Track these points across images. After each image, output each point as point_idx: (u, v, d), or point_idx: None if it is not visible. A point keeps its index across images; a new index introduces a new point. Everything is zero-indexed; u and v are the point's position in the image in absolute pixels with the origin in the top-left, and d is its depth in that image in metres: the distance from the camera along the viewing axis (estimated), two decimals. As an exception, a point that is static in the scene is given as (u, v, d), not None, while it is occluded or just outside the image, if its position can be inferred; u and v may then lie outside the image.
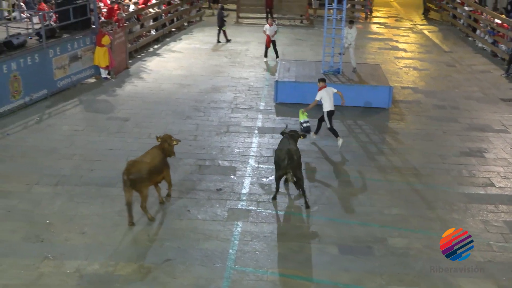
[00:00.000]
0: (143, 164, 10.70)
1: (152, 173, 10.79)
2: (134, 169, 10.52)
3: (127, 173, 10.45)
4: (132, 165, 10.60)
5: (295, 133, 12.44)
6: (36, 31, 17.99)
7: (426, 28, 31.48)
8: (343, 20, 18.58)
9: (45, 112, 16.45)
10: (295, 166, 11.31)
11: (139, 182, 10.51)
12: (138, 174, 10.49)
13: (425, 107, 18.03)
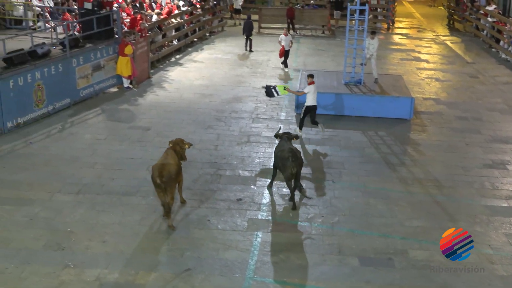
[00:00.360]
0: (171, 165, 10.94)
1: (178, 173, 11.12)
2: (165, 171, 10.71)
3: (160, 177, 10.59)
4: (162, 168, 10.75)
5: (289, 135, 12.80)
6: (60, 41, 18.20)
7: (449, 39, 31.29)
8: (365, 30, 18.53)
9: (68, 121, 16.61)
10: (300, 164, 11.81)
11: (170, 183, 10.73)
12: (169, 175, 10.73)
13: (448, 118, 17.88)
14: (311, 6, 33.72)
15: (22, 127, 15.73)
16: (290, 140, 12.57)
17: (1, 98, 15.04)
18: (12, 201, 11.69)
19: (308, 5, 34.07)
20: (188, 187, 12.55)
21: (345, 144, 15.32)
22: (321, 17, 32.02)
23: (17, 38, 18.23)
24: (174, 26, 25.55)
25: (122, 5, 23.96)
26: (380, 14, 34.84)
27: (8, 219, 11.03)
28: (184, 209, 11.62)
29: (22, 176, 12.89)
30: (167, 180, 10.66)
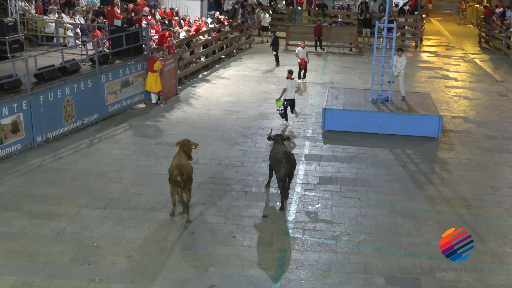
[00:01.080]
0: (188, 165, 11.81)
1: (193, 172, 11.89)
2: (185, 170, 11.52)
3: (181, 175, 11.41)
4: (182, 167, 11.55)
5: (281, 137, 13.22)
6: (90, 57, 18.47)
7: (478, 57, 31.03)
8: (392, 48, 18.48)
9: (96, 136, 16.80)
10: (293, 165, 12.44)
11: (189, 181, 11.62)
12: (188, 174, 11.59)
13: (476, 137, 17.68)
14: (339, 24, 33.77)
15: (51, 142, 15.96)
16: (283, 142, 13.09)
17: (32, 113, 15.30)
18: (40, 215, 11.83)
19: (335, 22, 34.12)
20: (213, 203, 12.59)
21: (372, 162, 15.23)
22: (349, 35, 32.01)
23: (48, 55, 18.55)
24: (202, 43, 25.76)
25: (151, 22, 24.26)
26: (408, 31, 34.72)
27: (37, 233, 11.15)
28: (209, 225, 11.63)
29: (51, 190, 13.05)
30: (187, 178, 11.52)
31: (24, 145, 15.23)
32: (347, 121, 17.34)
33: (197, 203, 12.60)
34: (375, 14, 34.32)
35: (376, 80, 18.89)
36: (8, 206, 12.23)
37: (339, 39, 32.10)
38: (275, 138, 13.21)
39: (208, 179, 13.91)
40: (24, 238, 10.96)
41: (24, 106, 15.09)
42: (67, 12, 23.21)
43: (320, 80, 24.32)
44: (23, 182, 13.45)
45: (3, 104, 14.59)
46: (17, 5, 20.78)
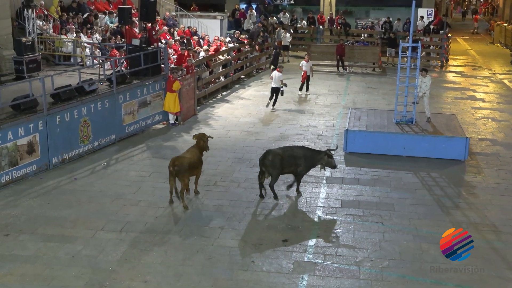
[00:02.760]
0: (185, 158, 13.49)
1: (191, 166, 13.52)
2: (178, 162, 13.27)
3: (172, 165, 13.21)
4: (176, 159, 13.40)
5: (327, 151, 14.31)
6: (107, 77, 18.67)
7: (507, 78, 30.82)
8: (417, 68, 18.45)
9: (113, 157, 16.92)
10: (265, 164, 13.82)
11: (181, 172, 13.24)
12: (181, 166, 13.24)
13: (505, 160, 17.51)
14: (361, 43, 33.80)
15: (67, 163, 16.11)
16: (314, 151, 14.40)
17: (48, 134, 15.47)
18: (55, 238, 11.91)
19: (358, 41, 34.16)
20: (232, 227, 12.58)
21: (396, 185, 15.13)
22: (372, 54, 32.02)
23: (65, 74, 18.78)
24: (221, 63, 25.93)
25: (169, 42, 24.52)
26: (433, 51, 34.65)
27: (51, 256, 11.22)
28: (227, 249, 11.61)
29: (66, 212, 13.14)
30: (178, 169, 13.17)
31: (39, 166, 15.38)
32: (370, 143, 17.27)
33: (215, 226, 12.60)
34: (399, 33, 34.29)
35: (400, 101, 18.82)
36: (22, 228, 12.33)
37: (362, 58, 32.12)
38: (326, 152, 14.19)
39: (227, 202, 13.92)
40: (38, 261, 11.03)
41: (40, 127, 15.27)
42: (85, 31, 23.56)
43: (342, 101, 24.31)
44: (38, 204, 13.57)
45: (19, 124, 14.79)
46: (35, 24, 21.13)
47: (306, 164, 14.15)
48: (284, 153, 14.00)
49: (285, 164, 13.98)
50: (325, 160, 14.20)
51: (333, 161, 14.27)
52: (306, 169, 14.34)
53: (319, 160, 14.23)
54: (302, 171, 14.25)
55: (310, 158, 14.16)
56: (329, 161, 14.21)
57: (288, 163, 13.99)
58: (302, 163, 14.06)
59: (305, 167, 14.21)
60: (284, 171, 14.13)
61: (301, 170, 14.21)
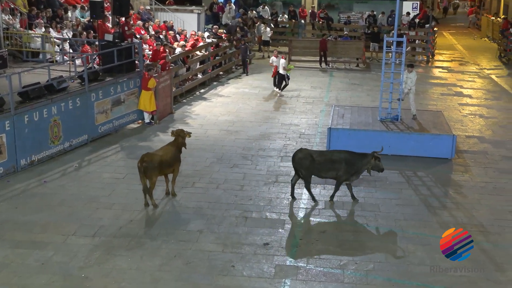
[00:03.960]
0: (155, 155, 13.54)
1: (162, 165, 13.52)
2: (147, 158, 13.33)
3: (141, 161, 13.29)
4: (146, 155, 13.47)
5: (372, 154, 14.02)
6: (79, 74, 18.54)
7: (495, 73, 31.12)
8: (402, 63, 18.55)
9: (85, 158, 16.81)
10: (296, 162, 13.99)
11: (150, 170, 13.24)
12: (150, 163, 13.25)
13: (493, 158, 17.67)
14: (345, 38, 33.92)
15: (36, 165, 15.96)
16: (366, 157, 13.94)
17: (15, 134, 15.32)
18: (24, 244, 11.79)
19: (341, 36, 34.28)
20: (211, 230, 12.56)
21: (381, 185, 15.20)
22: (356, 49, 32.13)
23: (33, 71, 18.63)
24: (199, 59, 25.87)
25: (144, 37, 24.40)
26: (418, 46, 34.88)
27: (20, 263, 11.11)
28: (206, 253, 11.59)
29: (36, 217, 13.02)
30: (147, 166, 13.21)
31: (6, 168, 15.22)
32: (354, 142, 17.30)
33: (193, 229, 12.58)
34: (384, 28, 34.51)
35: (384, 98, 18.92)
36: (-11, 234, 12.21)
37: (346, 54, 32.22)
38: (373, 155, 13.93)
39: (206, 204, 13.90)
40: (6, 269, 10.91)
41: (7, 127, 15.11)
42: (55, 26, 23.35)
43: (325, 98, 24.39)
44: (5, 209, 13.43)
45: (-15, 124, 14.64)
46: (0, 18, 20.90)
47: (347, 169, 13.82)
48: (320, 156, 13.90)
49: (321, 168, 13.84)
50: (372, 164, 13.88)
51: (381, 164, 13.93)
52: (349, 175, 13.96)
53: (365, 164, 13.90)
54: (342, 176, 13.93)
55: (352, 163, 13.85)
56: (377, 164, 13.87)
57: (324, 167, 13.84)
58: (341, 168, 13.81)
59: (345, 173, 13.86)
60: (320, 174, 14.02)
61: (340, 176, 13.92)
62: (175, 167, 14.14)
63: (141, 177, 13.42)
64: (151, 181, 13.41)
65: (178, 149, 14.26)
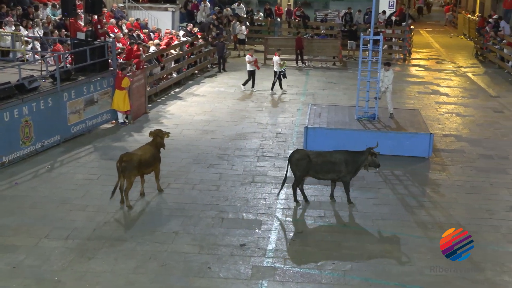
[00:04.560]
0: (134, 155, 13.60)
1: (141, 164, 13.59)
2: (126, 158, 13.36)
3: (120, 161, 13.29)
4: (125, 155, 13.52)
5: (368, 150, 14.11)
6: (50, 73, 18.38)
7: (471, 71, 31.45)
8: (379, 62, 18.67)
9: (57, 159, 16.68)
10: (292, 162, 13.97)
11: (128, 170, 13.30)
12: (129, 162, 13.31)
13: (470, 156, 17.86)
14: (322, 36, 34.05)
15: (7, 166, 15.80)
16: (364, 154, 14.02)
17: (-14, 135, 15.17)
18: (-5, 247, 11.69)
19: (318, 35, 34.41)
20: (187, 232, 12.54)
21: (358, 184, 15.28)
22: (332, 48, 32.28)
23: (3, 71, 18.41)
24: (174, 58, 25.81)
25: (117, 35, 24.27)
26: (395, 44, 35.12)
27: (-9, 267, 11.02)
28: (182, 255, 11.57)
29: (7, 220, 12.89)
30: (126, 165, 13.25)
31: (-23, 170, 15.08)
32: (331, 141, 17.35)
33: (169, 231, 12.55)
34: (360, 26, 34.70)
35: (361, 96, 19.04)
36: (-41, 237, 12.07)
37: (322, 52, 32.35)
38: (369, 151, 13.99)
39: (181, 205, 13.87)
40: (-23, 273, 10.81)
41: (-23, 128, 14.96)
42: (25, 24, 23.12)
43: (301, 97, 24.46)
44: (-24, 211, 13.30)
45: (-46, 125, 14.47)
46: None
47: (349, 169, 13.93)
48: (317, 158, 13.87)
49: (318, 169, 13.86)
50: (369, 160, 14.00)
51: (378, 160, 14.06)
52: (350, 174, 14.07)
53: (363, 161, 14.01)
54: (345, 177, 14.02)
55: (352, 162, 13.95)
56: (374, 160, 13.99)
57: (323, 169, 13.86)
58: (343, 169, 13.89)
59: (347, 173, 13.97)
60: (317, 176, 14.02)
61: (344, 176, 14.00)
62: (156, 166, 14.25)
63: (119, 177, 13.43)
64: (129, 181, 13.44)
65: (157, 149, 14.33)
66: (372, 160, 14.01)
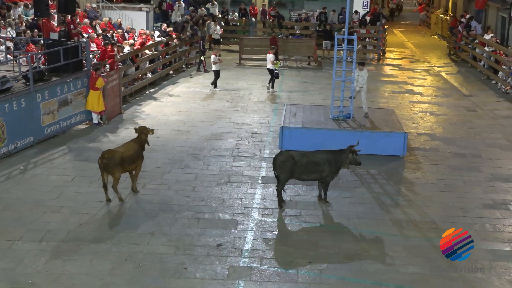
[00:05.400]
0: (116, 152, 13.66)
1: (124, 161, 13.63)
2: (108, 154, 13.47)
3: (101, 158, 13.41)
4: (107, 151, 13.62)
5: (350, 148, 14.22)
6: (23, 74, 18.18)
7: (444, 70, 31.73)
8: (353, 61, 18.74)
9: (31, 161, 16.51)
10: (276, 165, 13.79)
11: (111, 166, 13.39)
12: (111, 159, 13.38)
13: (444, 155, 18.01)
14: (296, 36, 34.10)
15: (-20, 168, 15.63)
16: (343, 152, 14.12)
17: (-42, 137, 14.97)
18: (-32, 250, 11.54)
19: (292, 34, 34.46)
20: (163, 232, 12.48)
21: (334, 183, 15.29)
22: (307, 47, 32.33)
23: (-25, 71, 18.21)
24: (148, 58, 25.69)
25: (91, 36, 24.09)
26: (369, 43, 35.31)
27: (-37, 270, 10.87)
28: (158, 256, 11.52)
29: (-20, 222, 12.75)
30: (107, 162, 13.34)
31: (-51, 172, 14.87)
32: (306, 140, 17.42)
33: (145, 232, 12.48)
34: (335, 25, 34.84)
35: (336, 96, 19.11)
36: None
37: (297, 52, 32.40)
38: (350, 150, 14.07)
39: (157, 205, 13.81)
40: (-51, 276, 10.66)
41: (-51, 129, 14.77)
42: (-2, 24, 22.85)
43: (277, 97, 24.49)
44: None
45: None
46: None
47: (331, 168, 13.94)
48: (302, 159, 13.77)
49: (302, 171, 13.79)
50: (350, 158, 14.05)
51: (358, 158, 14.13)
52: (333, 174, 14.10)
53: (344, 160, 14.05)
54: (328, 177, 14.05)
55: (334, 161, 13.97)
56: (355, 158, 14.05)
57: (307, 169, 13.81)
58: (326, 168, 13.88)
59: (330, 172, 13.98)
60: (302, 177, 13.94)
61: (326, 176, 14.01)
62: (138, 164, 14.27)
63: (102, 173, 13.52)
64: (114, 177, 13.56)
65: (140, 146, 14.38)
66: (353, 158, 14.07)
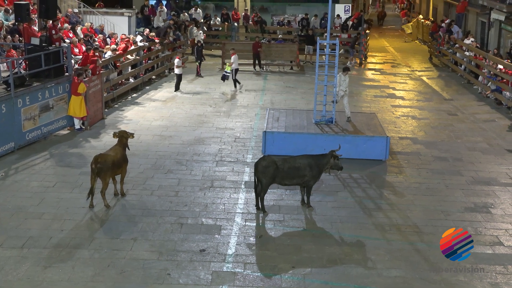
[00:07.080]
0: (109, 156, 13.78)
1: (114, 165, 13.77)
2: (101, 159, 13.52)
3: (95, 162, 13.42)
4: (99, 156, 13.64)
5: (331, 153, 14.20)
6: (4, 79, 18.04)
7: (425, 75, 31.91)
8: (336, 66, 18.78)
9: (12, 167, 16.38)
10: (259, 170, 13.67)
11: (104, 170, 13.46)
12: (104, 163, 13.48)
13: (426, 159, 18.09)
14: (279, 41, 34.14)
15: (-40, 175, 15.48)
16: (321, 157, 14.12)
17: None
18: None
19: (275, 39, 34.50)
20: (145, 238, 12.42)
21: (317, 187, 15.33)
22: (290, 52, 32.35)
23: (-44, 77, 18.04)
24: (131, 63, 25.59)
25: (73, 40, 23.96)
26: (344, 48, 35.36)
27: None
28: (141, 262, 11.46)
29: (-40, 229, 12.61)
30: (101, 167, 13.39)
31: None
32: (289, 145, 17.44)
33: (127, 238, 12.41)
34: (317, 30, 34.93)
35: (319, 100, 19.13)
36: None
37: (279, 57, 32.42)
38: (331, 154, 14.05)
39: (139, 211, 13.74)
40: None
41: None
42: (-23, 29, 22.67)
43: (259, 101, 24.48)
44: None
45: None
46: None
47: (313, 173, 13.93)
48: (284, 164, 13.76)
49: (284, 176, 13.77)
50: (331, 163, 14.03)
51: (340, 162, 14.09)
52: (315, 178, 14.09)
53: (325, 164, 14.04)
54: (310, 181, 14.04)
55: (316, 165, 13.96)
56: (336, 163, 14.03)
57: (289, 174, 13.79)
58: (307, 173, 13.87)
59: (312, 177, 13.97)
60: (284, 182, 13.91)
61: (308, 181, 14.00)
62: (123, 168, 14.36)
63: (92, 178, 13.52)
64: (104, 182, 13.62)
65: (124, 150, 14.50)
66: (334, 163, 14.05)
